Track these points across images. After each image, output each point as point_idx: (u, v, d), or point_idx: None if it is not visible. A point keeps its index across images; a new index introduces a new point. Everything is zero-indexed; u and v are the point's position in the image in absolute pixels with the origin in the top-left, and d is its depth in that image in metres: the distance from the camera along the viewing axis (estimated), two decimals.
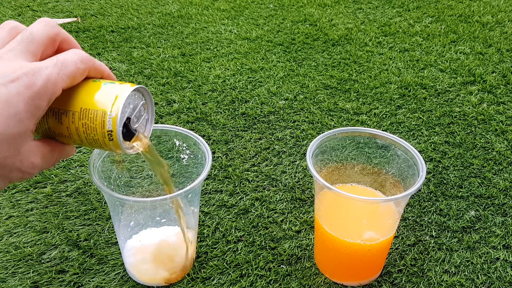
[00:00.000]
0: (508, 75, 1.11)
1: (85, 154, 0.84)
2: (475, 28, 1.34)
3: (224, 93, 1.03)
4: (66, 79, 0.32)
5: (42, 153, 0.33)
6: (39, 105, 0.30)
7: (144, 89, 0.38)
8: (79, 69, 0.33)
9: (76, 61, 0.33)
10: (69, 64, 0.32)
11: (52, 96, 0.31)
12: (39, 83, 0.30)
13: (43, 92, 0.30)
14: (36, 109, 0.30)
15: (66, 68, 0.32)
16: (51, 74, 0.31)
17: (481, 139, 0.90)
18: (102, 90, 0.35)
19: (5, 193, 0.75)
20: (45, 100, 0.31)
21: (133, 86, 0.36)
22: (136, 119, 0.39)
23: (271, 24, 1.38)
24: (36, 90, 0.30)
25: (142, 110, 0.39)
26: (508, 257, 0.66)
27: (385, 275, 0.64)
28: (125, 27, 1.33)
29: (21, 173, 0.32)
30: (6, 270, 0.63)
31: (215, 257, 0.66)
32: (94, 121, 0.35)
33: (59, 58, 0.32)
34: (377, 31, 1.33)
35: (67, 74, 0.32)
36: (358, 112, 0.97)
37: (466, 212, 0.73)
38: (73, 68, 0.32)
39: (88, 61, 0.34)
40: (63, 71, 0.32)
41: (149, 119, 0.41)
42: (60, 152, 0.36)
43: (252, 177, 0.80)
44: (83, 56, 0.33)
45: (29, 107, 0.30)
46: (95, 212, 0.72)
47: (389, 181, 0.63)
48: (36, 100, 0.30)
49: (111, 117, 0.34)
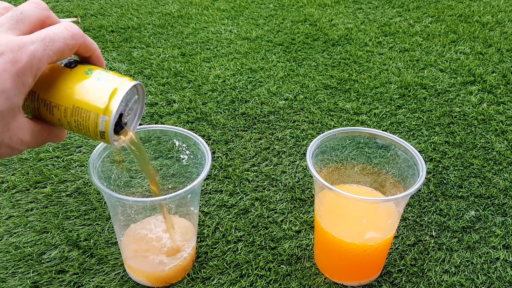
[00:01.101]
0: (508, 75, 1.11)
1: (85, 154, 0.84)
2: (475, 28, 1.34)
3: (224, 93, 1.03)
4: (53, 55, 0.31)
5: (32, 130, 0.33)
6: (25, 81, 0.30)
7: (139, 85, 0.38)
8: (68, 45, 0.32)
9: (66, 36, 0.32)
10: (58, 40, 0.31)
11: (37, 72, 0.31)
12: (24, 59, 0.29)
13: (28, 68, 0.30)
14: (22, 85, 0.30)
15: (54, 43, 0.31)
16: (37, 50, 0.30)
17: (481, 139, 0.90)
18: (96, 88, 0.34)
19: (5, 193, 0.75)
20: (30, 76, 0.30)
21: (128, 82, 0.35)
22: (127, 114, 0.38)
23: (271, 24, 1.38)
24: (21, 67, 0.29)
25: (134, 104, 0.39)
26: (508, 257, 0.66)
27: (385, 275, 0.64)
28: (125, 27, 1.33)
29: (10, 149, 0.31)
30: (6, 270, 0.63)
31: (215, 257, 0.66)
32: (87, 120, 0.35)
33: (48, 32, 0.31)
34: (377, 31, 1.33)
35: (54, 50, 0.31)
36: (358, 112, 0.97)
37: (466, 212, 0.73)
38: (61, 44, 0.32)
39: (79, 37, 0.33)
40: (50, 46, 0.31)
41: (139, 113, 0.41)
42: (50, 133, 0.36)
43: (252, 177, 0.80)
44: (74, 31, 0.33)
45: (16, 83, 0.29)
46: (95, 212, 0.72)
47: (389, 181, 0.63)
48: (21, 76, 0.30)
49: (104, 119, 0.34)
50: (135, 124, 0.41)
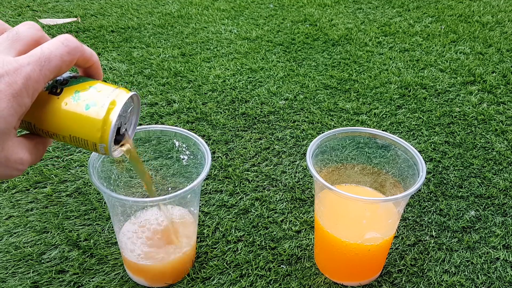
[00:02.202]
0: (508, 75, 1.11)
1: (85, 154, 0.84)
2: (475, 28, 1.34)
3: (224, 93, 1.03)
4: (49, 74, 0.32)
5: (27, 148, 0.33)
6: (21, 103, 0.30)
7: (135, 95, 0.38)
8: (65, 62, 0.32)
9: (62, 53, 0.32)
10: (54, 58, 0.32)
11: (34, 92, 0.31)
12: (20, 81, 0.30)
13: (24, 90, 0.30)
14: (18, 106, 0.30)
15: (50, 63, 0.31)
16: (32, 71, 0.30)
17: (481, 139, 0.90)
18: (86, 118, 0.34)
19: (5, 193, 0.75)
20: (26, 97, 0.31)
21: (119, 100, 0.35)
22: (124, 124, 0.39)
23: (271, 24, 1.38)
24: (17, 89, 0.30)
25: (130, 113, 0.39)
26: (508, 257, 0.66)
27: (385, 275, 0.64)
28: (125, 27, 1.33)
29: (8, 169, 0.32)
30: (6, 270, 0.63)
31: (215, 257, 0.66)
32: (85, 145, 0.36)
33: (43, 51, 0.31)
34: (377, 31, 1.33)
35: (50, 69, 0.31)
36: (358, 112, 0.97)
37: (466, 212, 0.73)
38: (57, 62, 0.32)
39: (76, 52, 0.33)
40: (46, 66, 0.31)
41: (134, 122, 0.41)
42: (45, 145, 0.36)
43: (252, 177, 0.80)
44: (71, 46, 0.33)
45: (11, 104, 0.30)
46: (95, 212, 0.72)
47: (389, 181, 0.63)
48: (18, 97, 0.30)
49: (102, 146, 0.35)
50: (133, 131, 0.41)
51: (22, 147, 0.33)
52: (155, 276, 0.61)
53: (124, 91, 0.36)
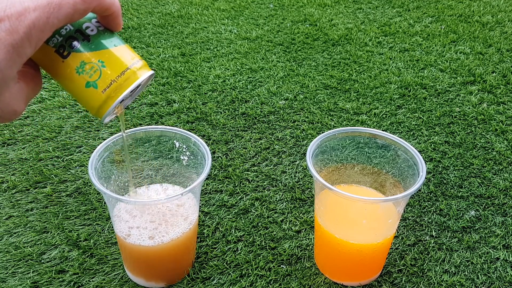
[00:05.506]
0: (508, 75, 1.11)
1: (85, 154, 0.84)
2: (475, 28, 1.34)
3: (224, 93, 1.03)
4: (58, 23, 0.28)
5: (24, 96, 0.30)
6: (21, 52, 0.27)
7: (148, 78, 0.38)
8: (78, 10, 0.29)
9: (76, 0, 0.28)
10: (65, 5, 0.28)
11: (38, 42, 0.28)
12: (22, 30, 0.27)
13: (26, 40, 0.27)
14: (18, 57, 0.27)
15: (60, 10, 0.28)
16: (38, 19, 0.27)
17: (481, 139, 0.90)
18: (86, 94, 0.33)
19: (5, 193, 0.75)
20: (28, 48, 0.28)
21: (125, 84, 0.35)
22: (128, 96, 0.39)
23: (271, 24, 1.38)
24: (18, 38, 0.27)
25: (134, 92, 0.39)
26: (508, 257, 0.66)
27: (385, 275, 0.64)
28: (125, 27, 1.33)
29: (0, 119, 0.30)
30: (6, 270, 0.63)
31: (215, 257, 0.66)
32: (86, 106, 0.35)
33: None
34: (377, 31, 1.33)
35: (59, 18, 0.28)
36: (358, 112, 0.97)
37: (466, 212, 0.73)
38: (69, 10, 0.28)
39: (92, 0, 0.29)
40: (55, 13, 0.28)
41: (136, 95, 0.41)
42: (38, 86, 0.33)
43: (252, 177, 0.80)
44: None
45: (10, 55, 0.27)
46: (95, 212, 0.72)
47: (389, 181, 0.63)
48: (17, 47, 0.27)
49: (104, 121, 0.36)
50: (130, 101, 0.42)
51: (18, 98, 0.30)
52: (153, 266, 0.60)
53: (135, 74, 0.34)
